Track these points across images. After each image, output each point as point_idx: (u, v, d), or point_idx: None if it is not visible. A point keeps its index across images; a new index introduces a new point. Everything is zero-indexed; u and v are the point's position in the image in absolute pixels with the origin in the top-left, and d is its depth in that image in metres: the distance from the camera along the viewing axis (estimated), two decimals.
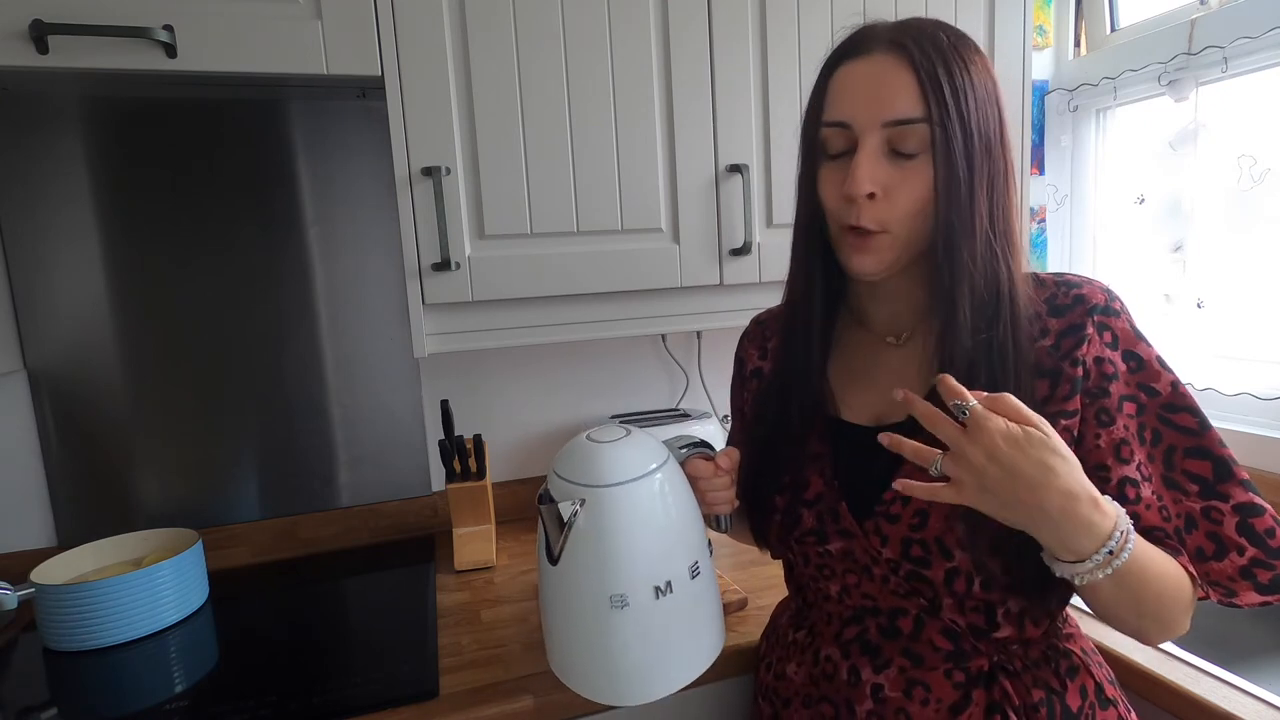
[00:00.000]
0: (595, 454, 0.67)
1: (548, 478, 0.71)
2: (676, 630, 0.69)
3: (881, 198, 0.61)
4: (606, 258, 1.08)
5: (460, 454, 1.20)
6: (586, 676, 0.70)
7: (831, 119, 0.63)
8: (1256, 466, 1.24)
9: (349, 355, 1.31)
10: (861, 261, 0.64)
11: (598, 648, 0.68)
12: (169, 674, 0.92)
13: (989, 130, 0.61)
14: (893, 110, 0.60)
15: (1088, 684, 0.67)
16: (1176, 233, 1.40)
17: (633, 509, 0.66)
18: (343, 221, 1.27)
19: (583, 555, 0.67)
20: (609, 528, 0.65)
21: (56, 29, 0.83)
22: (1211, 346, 1.37)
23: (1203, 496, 0.60)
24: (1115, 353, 0.61)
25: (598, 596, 0.66)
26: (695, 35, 1.07)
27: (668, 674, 0.69)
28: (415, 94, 0.97)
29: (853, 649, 0.69)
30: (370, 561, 1.26)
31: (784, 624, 0.80)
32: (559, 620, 0.71)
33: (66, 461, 1.19)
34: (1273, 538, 0.59)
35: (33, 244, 1.14)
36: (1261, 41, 1.21)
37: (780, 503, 0.73)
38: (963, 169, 0.59)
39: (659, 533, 0.68)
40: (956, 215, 0.60)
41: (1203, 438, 0.61)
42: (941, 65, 0.59)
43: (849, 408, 0.72)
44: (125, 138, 1.16)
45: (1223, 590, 0.60)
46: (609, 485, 0.66)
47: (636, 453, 0.68)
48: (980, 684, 0.65)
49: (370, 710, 0.81)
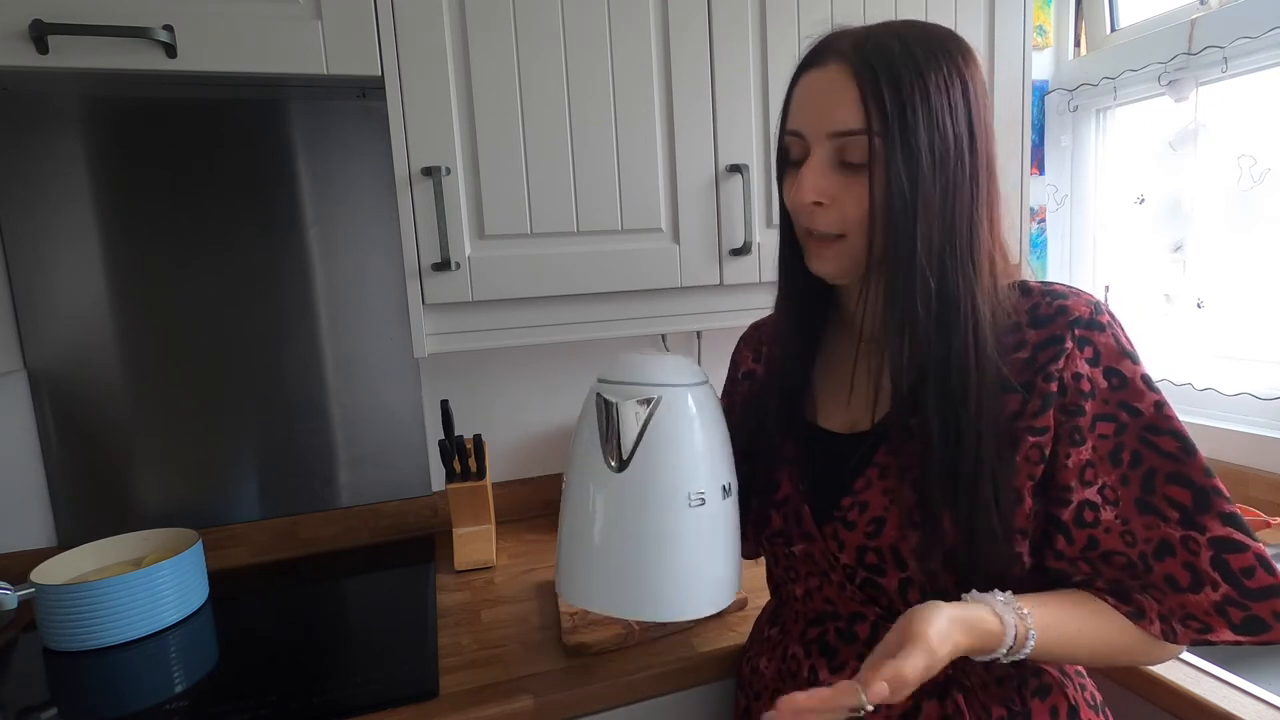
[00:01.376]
0: (654, 362, 0.69)
1: (598, 391, 0.70)
2: (730, 542, 0.70)
3: (830, 205, 0.62)
4: (606, 258, 1.08)
5: (460, 454, 1.20)
6: (657, 592, 0.68)
7: (790, 128, 0.65)
8: (1257, 466, 1.24)
9: (349, 355, 1.31)
10: (820, 264, 0.66)
11: (671, 554, 0.67)
12: (169, 674, 0.92)
13: (945, 142, 0.59)
14: (834, 121, 0.60)
15: (1060, 705, 0.64)
16: (1176, 233, 1.40)
17: (701, 409, 0.68)
18: (343, 221, 1.27)
19: (659, 455, 0.66)
20: (689, 424, 0.67)
21: (56, 29, 0.83)
22: (1211, 346, 1.37)
23: (1182, 525, 0.57)
24: (1096, 369, 0.59)
25: (675, 496, 0.66)
26: (695, 35, 1.07)
27: (731, 579, 0.71)
28: (415, 94, 0.97)
29: (814, 649, 0.70)
30: (370, 561, 1.25)
31: (763, 620, 0.83)
32: (619, 535, 0.68)
33: (66, 461, 1.19)
34: (1250, 577, 0.56)
35: (33, 244, 1.14)
36: (1261, 41, 1.21)
37: (754, 503, 0.75)
38: (904, 181, 0.58)
39: (720, 435, 0.70)
40: (897, 226, 0.59)
41: (1184, 463, 0.58)
42: (887, 76, 0.58)
43: (825, 412, 0.73)
44: (125, 138, 1.16)
45: (1198, 625, 0.58)
46: (681, 385, 0.67)
47: (686, 365, 0.71)
48: (933, 696, 0.63)
49: (370, 710, 0.81)
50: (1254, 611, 0.56)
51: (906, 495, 0.63)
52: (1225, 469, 1.27)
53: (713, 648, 0.90)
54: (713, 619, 0.96)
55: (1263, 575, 0.56)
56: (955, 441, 0.59)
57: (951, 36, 0.62)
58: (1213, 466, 0.59)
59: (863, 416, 0.69)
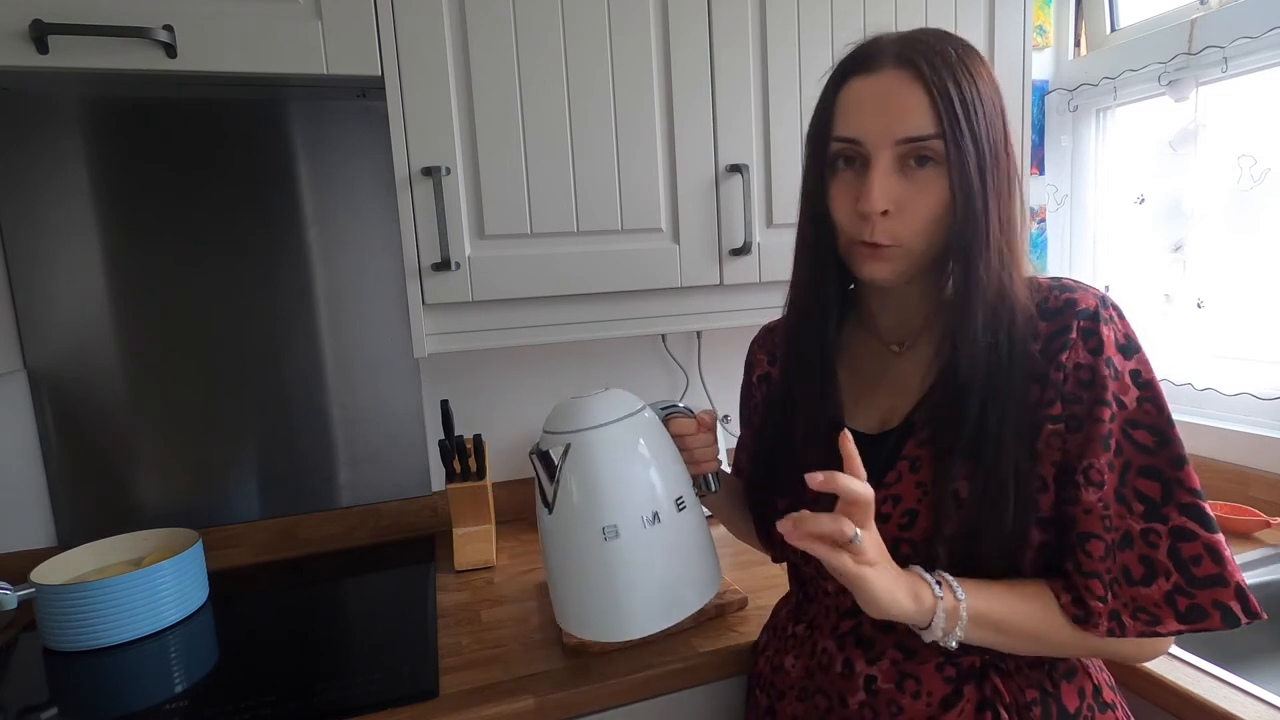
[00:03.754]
0: (576, 406, 0.74)
1: (540, 439, 0.76)
2: (669, 561, 0.73)
3: (894, 213, 0.62)
4: (606, 258, 1.08)
5: (460, 454, 1.20)
6: (589, 618, 0.74)
7: (842, 134, 0.64)
8: (1257, 466, 1.24)
9: (349, 355, 1.31)
10: (876, 269, 0.65)
11: (596, 584, 0.72)
12: (169, 674, 0.92)
13: (997, 140, 0.62)
14: (905, 128, 0.60)
15: (1085, 686, 0.67)
16: (1176, 233, 1.40)
17: (613, 445, 0.72)
18: (343, 221, 1.27)
19: (573, 495, 0.72)
20: (593, 464, 0.71)
21: (56, 29, 0.83)
22: (1211, 346, 1.37)
23: (1145, 518, 0.59)
24: (1098, 359, 0.61)
25: (591, 531, 0.71)
26: (695, 35, 1.07)
27: (665, 607, 0.73)
28: (415, 94, 0.97)
29: (847, 641, 0.70)
30: (370, 561, 1.25)
31: (784, 618, 0.82)
32: (559, 566, 0.76)
33: (66, 461, 1.19)
34: (1198, 565, 0.58)
35: (33, 244, 1.14)
36: (1261, 41, 1.21)
37: (782, 505, 0.74)
38: (976, 182, 0.60)
39: (641, 466, 0.73)
40: (972, 228, 0.61)
41: (1156, 456, 0.60)
42: (951, 80, 0.60)
43: (852, 414, 0.73)
44: (125, 137, 1.16)
45: (1147, 617, 0.59)
46: (589, 428, 0.72)
47: (613, 402, 0.75)
48: (972, 679, 0.65)
49: (370, 710, 0.81)
50: (1197, 600, 0.58)
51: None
52: (1225, 469, 1.27)
53: (713, 647, 0.90)
54: (713, 619, 0.96)
55: (1209, 564, 0.58)
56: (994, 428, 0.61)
57: (972, 44, 0.65)
58: (1213, 466, 0.59)
59: (891, 414, 0.70)
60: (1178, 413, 0.61)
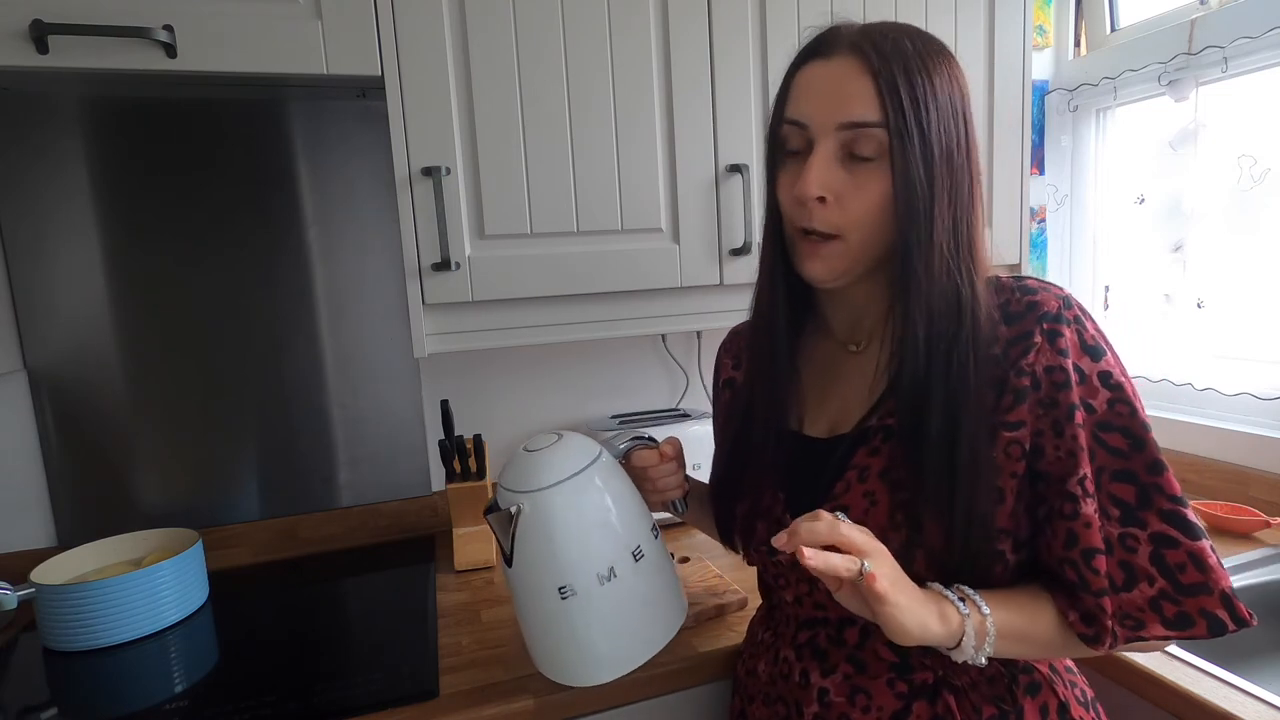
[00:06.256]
0: (529, 462, 0.74)
1: (496, 494, 0.76)
2: (627, 613, 0.74)
3: (833, 202, 0.61)
4: (606, 258, 1.08)
5: (460, 454, 1.20)
6: (554, 662, 0.77)
7: (790, 117, 0.63)
8: (1257, 466, 1.24)
9: (349, 355, 1.31)
10: (812, 267, 0.64)
11: (556, 635, 0.75)
12: (169, 674, 0.92)
13: (950, 141, 0.60)
14: (848, 112, 0.59)
15: (1049, 703, 0.65)
16: (1176, 233, 1.40)
17: (565, 506, 0.72)
18: (343, 221, 1.27)
19: (530, 554, 0.73)
20: (547, 527, 0.72)
21: (56, 29, 0.83)
22: (1211, 346, 1.37)
23: (1122, 523, 0.58)
24: (1067, 360, 0.59)
25: (548, 589, 0.72)
26: (695, 35, 1.07)
27: (625, 654, 0.75)
28: (415, 94, 0.97)
29: (805, 652, 0.70)
30: (370, 561, 1.25)
31: (756, 623, 0.83)
32: (523, 614, 0.78)
33: (66, 461, 1.19)
34: (1183, 572, 0.57)
35: (33, 244, 1.14)
36: (1261, 41, 1.21)
37: (740, 511, 0.74)
38: (921, 180, 0.58)
39: (595, 525, 0.73)
40: (913, 226, 0.59)
41: (1130, 460, 0.58)
42: (902, 72, 0.58)
43: (812, 416, 0.72)
44: (125, 137, 1.16)
45: (1132, 622, 0.58)
46: (542, 489, 0.72)
47: (565, 456, 0.74)
48: (923, 696, 0.64)
49: (370, 710, 0.81)
50: (1184, 607, 0.57)
51: (886, 497, 0.63)
52: (1225, 469, 1.27)
53: (712, 648, 0.89)
54: (713, 619, 0.96)
55: (1193, 571, 0.57)
56: (952, 439, 0.59)
57: (941, 42, 0.63)
58: (1213, 466, 0.58)
59: (842, 420, 0.69)
60: (1178, 413, 0.60)
